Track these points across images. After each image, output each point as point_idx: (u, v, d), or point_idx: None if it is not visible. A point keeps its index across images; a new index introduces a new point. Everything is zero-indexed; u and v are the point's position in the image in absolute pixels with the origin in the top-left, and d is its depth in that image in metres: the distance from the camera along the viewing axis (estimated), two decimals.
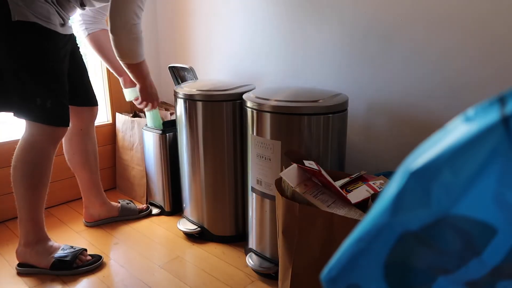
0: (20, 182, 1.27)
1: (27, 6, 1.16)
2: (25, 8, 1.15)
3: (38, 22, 1.17)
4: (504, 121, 0.30)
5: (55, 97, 1.26)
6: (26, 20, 1.16)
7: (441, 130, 0.34)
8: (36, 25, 1.18)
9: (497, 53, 1.09)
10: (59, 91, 1.27)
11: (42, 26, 1.19)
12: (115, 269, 1.36)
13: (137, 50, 1.30)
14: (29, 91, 1.23)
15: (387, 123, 1.35)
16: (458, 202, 0.33)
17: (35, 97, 1.23)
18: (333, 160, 1.21)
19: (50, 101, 1.24)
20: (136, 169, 1.87)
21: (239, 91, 1.39)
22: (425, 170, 0.34)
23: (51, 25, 1.21)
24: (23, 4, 1.15)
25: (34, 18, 1.17)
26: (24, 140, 1.27)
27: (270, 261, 1.29)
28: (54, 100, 1.25)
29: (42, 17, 1.18)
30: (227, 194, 1.47)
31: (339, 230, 0.86)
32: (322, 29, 1.44)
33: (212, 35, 1.84)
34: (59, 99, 1.27)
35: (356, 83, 1.39)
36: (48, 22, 1.20)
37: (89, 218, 1.64)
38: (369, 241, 0.38)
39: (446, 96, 1.20)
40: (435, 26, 1.18)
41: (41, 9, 1.18)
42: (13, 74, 1.21)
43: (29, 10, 1.16)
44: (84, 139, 1.53)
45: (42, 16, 1.18)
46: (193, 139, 1.45)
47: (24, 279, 1.30)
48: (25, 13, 1.15)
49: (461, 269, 0.38)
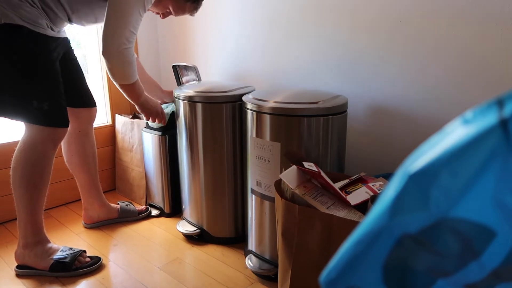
0: (19, 183, 1.27)
1: (14, 10, 1.14)
2: (11, 12, 1.14)
3: (26, 26, 1.16)
4: (502, 123, 0.30)
5: (52, 99, 1.25)
6: (13, 23, 1.14)
7: (440, 132, 0.34)
8: (24, 29, 1.16)
9: (498, 54, 1.09)
10: (55, 92, 1.27)
11: (30, 30, 1.17)
12: (114, 271, 1.35)
13: (129, 73, 1.30)
14: (25, 94, 1.22)
15: (386, 125, 1.35)
16: (457, 205, 0.33)
17: (31, 100, 1.22)
18: (332, 161, 1.21)
19: (47, 103, 1.24)
20: (136, 170, 1.86)
21: (239, 93, 1.39)
22: (424, 172, 0.34)
23: (39, 29, 1.20)
24: (9, 8, 1.14)
25: (21, 22, 1.15)
26: (24, 141, 1.27)
27: (269, 263, 1.29)
28: (51, 101, 1.25)
29: (30, 21, 1.17)
30: (226, 196, 1.47)
31: (338, 231, 0.86)
32: (322, 30, 1.44)
33: (212, 37, 1.84)
34: (56, 100, 1.27)
35: (356, 85, 1.39)
36: (36, 26, 1.19)
37: (88, 219, 1.64)
38: (368, 244, 0.38)
39: (446, 97, 1.20)
40: (435, 26, 1.18)
41: (28, 13, 1.17)
42: (6, 78, 1.20)
43: (15, 14, 1.14)
44: (83, 141, 1.52)
45: (29, 20, 1.17)
46: (193, 140, 1.45)
47: (23, 281, 1.30)
48: (11, 16, 1.14)
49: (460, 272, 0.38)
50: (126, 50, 1.24)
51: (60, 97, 1.29)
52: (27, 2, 1.17)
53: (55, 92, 1.27)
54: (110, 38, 1.22)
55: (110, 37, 1.22)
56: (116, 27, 1.21)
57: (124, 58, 1.25)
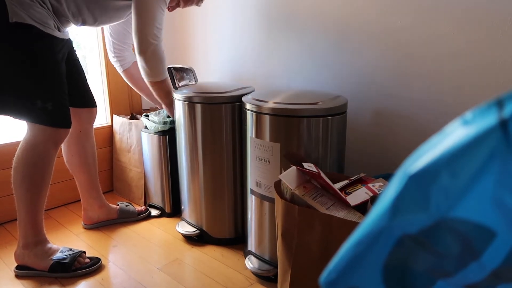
0: (20, 184, 1.27)
1: (25, 10, 1.16)
2: (23, 11, 1.16)
3: (35, 26, 1.18)
4: (502, 124, 0.30)
5: (56, 99, 1.26)
6: (24, 22, 1.16)
7: (440, 133, 0.34)
8: (34, 29, 1.18)
9: (498, 53, 1.09)
10: (59, 93, 1.28)
11: (39, 30, 1.19)
12: (114, 272, 1.35)
13: (160, 69, 1.44)
14: (29, 93, 1.23)
15: (386, 125, 1.35)
16: (457, 205, 0.33)
17: (35, 100, 1.23)
18: (332, 162, 1.21)
19: (51, 103, 1.24)
20: (134, 171, 1.86)
21: (239, 94, 1.39)
22: (424, 173, 0.34)
23: (48, 29, 1.22)
24: (20, 7, 1.15)
25: (32, 21, 1.17)
26: (26, 141, 1.27)
27: (269, 263, 1.29)
28: (55, 101, 1.25)
29: (40, 21, 1.19)
30: (226, 196, 1.47)
31: (338, 232, 0.86)
32: (322, 30, 1.44)
33: (212, 37, 1.84)
34: (60, 101, 1.28)
35: (355, 86, 1.39)
36: (45, 26, 1.20)
37: (88, 220, 1.64)
38: (368, 244, 0.38)
39: (445, 98, 1.20)
40: (435, 26, 1.18)
41: (38, 14, 1.18)
42: (12, 76, 1.21)
43: (26, 13, 1.16)
44: (83, 141, 1.52)
45: (39, 20, 1.19)
46: (192, 141, 1.45)
47: (22, 282, 1.30)
48: (22, 16, 1.15)
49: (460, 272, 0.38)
50: (157, 46, 1.38)
51: (64, 98, 1.30)
52: (37, 2, 1.19)
53: (59, 92, 1.28)
54: (141, 37, 1.35)
55: (141, 36, 1.35)
56: (143, 26, 1.34)
57: (157, 55, 1.39)
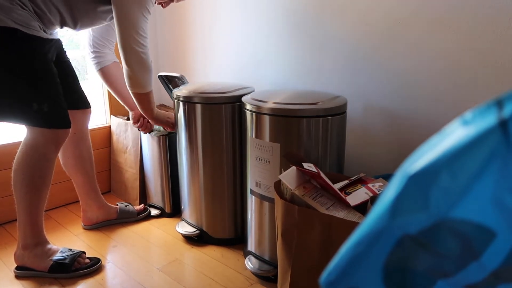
0: (20, 185, 1.27)
1: (6, 14, 1.14)
2: (4, 15, 1.14)
3: (19, 29, 1.16)
4: (502, 124, 0.30)
5: (51, 100, 1.25)
6: (6, 25, 1.14)
7: (439, 133, 0.34)
8: (18, 32, 1.16)
9: (499, 54, 1.09)
10: (53, 94, 1.26)
11: (23, 32, 1.17)
12: (114, 272, 1.35)
13: (147, 80, 1.39)
14: (24, 97, 1.21)
15: (386, 125, 1.35)
16: (457, 206, 0.33)
17: (30, 103, 1.21)
18: (332, 162, 1.21)
19: (46, 104, 1.23)
20: (130, 171, 1.86)
21: (238, 94, 1.38)
22: (423, 173, 0.34)
23: (33, 31, 1.19)
24: (1, 11, 1.13)
25: (15, 25, 1.15)
26: (26, 143, 1.27)
27: (269, 263, 1.29)
28: (50, 102, 1.24)
29: (23, 23, 1.16)
30: (226, 197, 1.47)
31: (338, 232, 0.86)
32: (322, 31, 1.44)
33: (212, 38, 1.84)
34: (56, 101, 1.26)
35: (355, 86, 1.39)
36: (30, 28, 1.18)
37: (87, 221, 1.64)
38: (368, 244, 0.38)
39: (445, 98, 1.20)
40: (434, 27, 1.18)
41: (20, 16, 1.16)
42: (4, 82, 1.20)
43: (8, 17, 1.14)
44: (78, 143, 1.51)
45: (22, 22, 1.16)
46: (192, 141, 1.45)
47: (22, 282, 1.30)
48: (4, 20, 1.14)
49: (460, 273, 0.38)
50: (143, 54, 1.33)
51: (59, 98, 1.28)
52: (18, 5, 1.16)
53: (53, 93, 1.26)
54: (124, 45, 1.30)
55: (124, 45, 1.30)
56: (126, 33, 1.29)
57: (144, 64, 1.35)
